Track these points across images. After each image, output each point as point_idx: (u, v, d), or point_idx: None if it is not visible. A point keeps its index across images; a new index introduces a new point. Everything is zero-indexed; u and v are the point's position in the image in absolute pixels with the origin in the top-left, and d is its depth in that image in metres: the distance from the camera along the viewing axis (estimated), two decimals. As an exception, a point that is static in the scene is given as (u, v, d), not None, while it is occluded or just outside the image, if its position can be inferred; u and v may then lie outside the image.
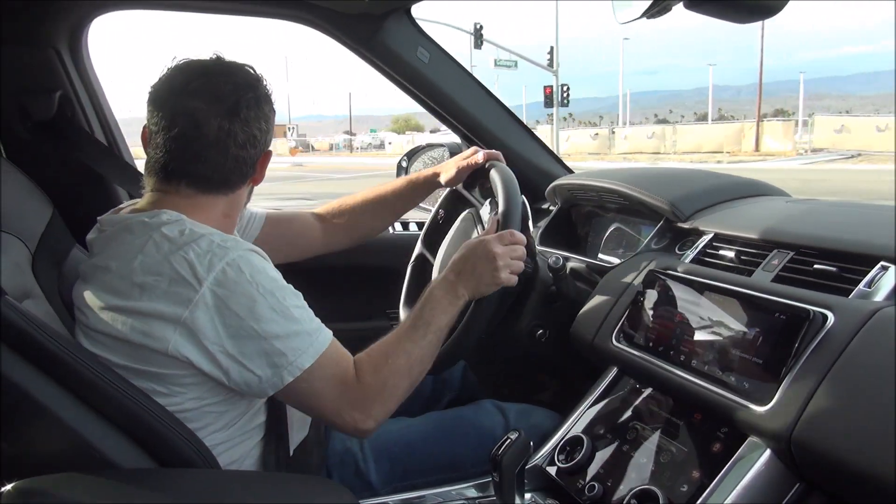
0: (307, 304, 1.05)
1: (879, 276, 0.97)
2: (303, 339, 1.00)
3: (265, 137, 1.09)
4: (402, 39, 1.74)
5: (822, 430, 0.85)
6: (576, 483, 1.10)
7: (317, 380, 1.01)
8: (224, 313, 0.96)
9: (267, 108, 1.09)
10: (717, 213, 1.36)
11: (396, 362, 1.08)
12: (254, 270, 0.99)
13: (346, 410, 1.04)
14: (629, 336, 1.22)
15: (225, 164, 1.06)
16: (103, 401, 0.91)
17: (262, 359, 0.98)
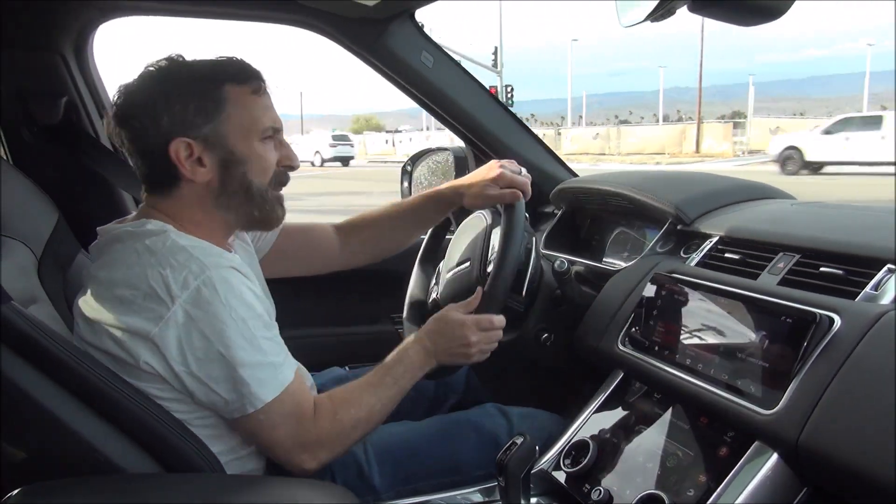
0: (278, 336, 1.07)
1: (886, 280, 0.97)
2: (267, 371, 1.00)
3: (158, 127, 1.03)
4: (406, 43, 1.74)
5: (829, 435, 0.84)
6: (581, 488, 1.09)
7: (276, 414, 1.01)
8: (193, 334, 0.96)
9: (160, 99, 1.03)
10: (722, 216, 1.36)
11: (357, 413, 1.10)
12: (229, 292, 0.99)
13: (295, 450, 1.05)
14: (634, 340, 1.22)
15: (145, 162, 1.06)
16: (108, 405, 0.92)
17: (228, 384, 0.98)
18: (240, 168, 1.08)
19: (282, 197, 1.16)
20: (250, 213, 1.12)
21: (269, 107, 1.11)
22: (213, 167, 1.07)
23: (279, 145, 1.13)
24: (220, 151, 1.06)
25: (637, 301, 1.24)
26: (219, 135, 1.06)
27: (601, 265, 1.56)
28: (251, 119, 1.08)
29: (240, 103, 1.07)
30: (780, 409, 0.90)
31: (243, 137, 1.07)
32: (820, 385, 0.87)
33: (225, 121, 1.06)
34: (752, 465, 0.93)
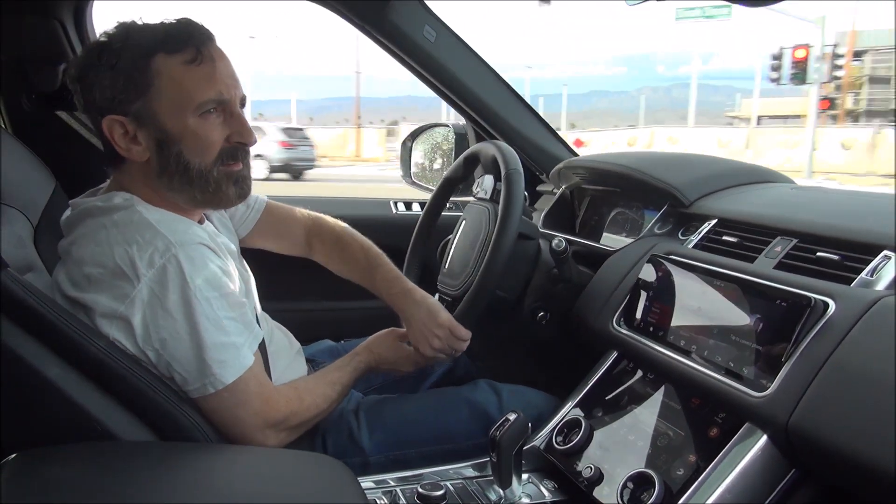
0: (245, 314, 1.05)
1: (882, 265, 0.97)
2: (230, 353, 0.99)
3: (93, 102, 0.99)
4: (409, 18, 1.72)
5: (819, 418, 0.85)
6: (573, 465, 1.10)
7: (241, 393, 1.02)
8: (157, 312, 0.95)
9: (93, 73, 0.98)
10: (721, 199, 1.36)
11: (317, 401, 1.16)
12: (195, 271, 0.97)
13: (260, 428, 1.05)
14: (630, 320, 1.22)
15: (99, 138, 1.04)
16: (104, 373, 0.92)
17: (191, 364, 0.98)
18: (174, 148, 1.00)
19: (235, 173, 1.06)
20: (192, 195, 1.05)
21: (210, 76, 1.00)
22: (148, 146, 1.01)
23: (229, 118, 1.04)
24: (153, 130, 1.00)
25: (633, 282, 1.25)
26: (149, 112, 0.99)
27: (599, 245, 1.56)
28: (184, 93, 0.99)
29: (171, 76, 0.98)
30: (771, 392, 0.91)
31: (175, 113, 0.99)
32: (812, 369, 0.88)
33: (155, 97, 0.98)
34: (742, 447, 0.94)
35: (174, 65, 0.99)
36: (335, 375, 1.23)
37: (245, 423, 1.03)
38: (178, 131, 1.00)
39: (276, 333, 1.32)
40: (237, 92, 1.05)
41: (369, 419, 1.26)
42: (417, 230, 1.64)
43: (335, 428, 1.24)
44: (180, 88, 0.99)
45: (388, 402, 1.33)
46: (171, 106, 0.99)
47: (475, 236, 1.43)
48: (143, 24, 1.02)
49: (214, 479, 0.88)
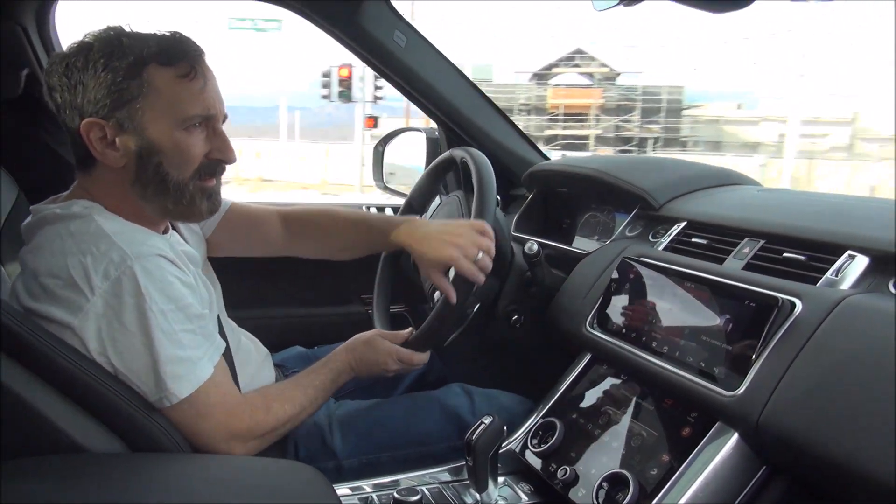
0: (206, 326, 1.05)
1: (846, 265, 0.99)
2: (185, 367, 0.98)
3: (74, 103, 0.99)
4: (379, 22, 1.72)
5: (788, 416, 0.87)
6: (548, 467, 1.11)
7: (201, 405, 1.00)
8: (113, 325, 0.94)
9: (78, 74, 0.98)
10: (690, 202, 1.38)
11: (290, 409, 1.14)
12: (151, 284, 0.96)
13: (224, 440, 1.03)
14: (602, 322, 1.23)
15: (69, 137, 1.02)
16: (71, 384, 0.90)
17: (149, 377, 0.96)
18: (154, 158, 1.00)
19: (209, 189, 1.07)
20: (164, 205, 1.04)
21: (200, 92, 1.01)
22: (126, 153, 1.00)
23: (212, 135, 1.05)
24: (134, 138, 0.99)
25: (605, 284, 1.26)
26: (134, 120, 0.98)
27: (571, 248, 1.57)
28: (173, 106, 1.00)
29: (162, 88, 0.99)
30: (742, 391, 0.92)
31: (161, 125, 1.00)
32: (781, 368, 0.90)
33: (143, 106, 0.98)
34: (714, 445, 0.95)
35: (167, 77, 0.99)
36: (308, 379, 1.21)
37: (208, 434, 1.02)
38: (162, 142, 1.00)
39: (243, 341, 1.30)
40: (221, 109, 1.06)
41: (342, 424, 1.25)
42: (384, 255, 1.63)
43: (307, 433, 1.23)
44: (170, 101, 0.99)
45: (360, 406, 1.32)
46: (158, 117, 0.99)
47: None
48: (135, 31, 1.02)
49: (184, 489, 0.86)
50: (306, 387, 1.19)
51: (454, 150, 1.47)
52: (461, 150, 1.41)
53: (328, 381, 1.22)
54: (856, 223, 1.07)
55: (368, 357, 1.27)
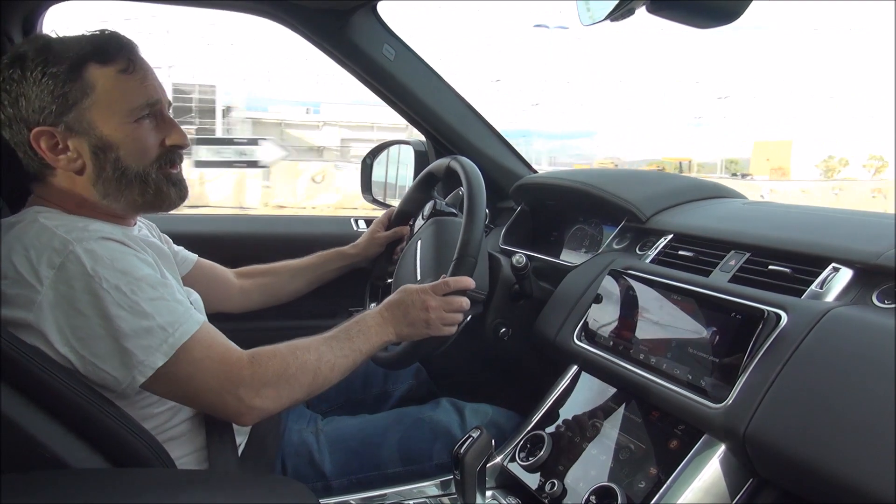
0: (174, 293, 0.99)
1: (831, 277, 1.00)
2: (155, 336, 0.94)
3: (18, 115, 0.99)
4: (368, 36, 1.73)
5: (774, 428, 0.87)
6: (536, 480, 1.11)
7: (185, 364, 0.96)
8: (69, 313, 0.92)
9: (14, 88, 0.98)
10: (677, 214, 1.38)
11: (304, 356, 1.05)
12: (97, 263, 0.93)
13: (228, 391, 0.98)
14: (590, 334, 1.23)
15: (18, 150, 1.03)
16: (51, 397, 0.89)
17: (115, 359, 0.93)
18: (111, 153, 1.02)
19: (174, 176, 1.09)
20: (132, 198, 1.05)
21: (142, 82, 1.04)
22: (82, 155, 1.01)
23: (161, 123, 1.07)
24: (87, 138, 1.01)
25: (593, 297, 1.26)
26: (84, 121, 1.00)
27: (559, 261, 1.58)
28: (119, 101, 1.01)
29: (105, 85, 1.00)
30: (728, 403, 0.93)
31: (112, 121, 1.01)
32: (767, 380, 0.90)
33: (89, 106, 1.00)
34: (701, 458, 0.95)
35: (108, 74, 1.01)
36: (329, 334, 1.12)
37: (207, 392, 0.98)
38: (116, 137, 1.02)
39: None
40: (165, 97, 1.08)
41: (330, 441, 1.24)
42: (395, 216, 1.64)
43: (295, 451, 1.22)
44: (115, 96, 1.01)
45: (348, 423, 1.30)
46: (108, 113, 1.01)
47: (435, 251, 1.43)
48: (63, 36, 1.03)
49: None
50: (331, 340, 1.11)
51: (446, 158, 1.47)
52: (454, 161, 1.42)
53: (359, 340, 1.13)
54: (840, 236, 1.08)
55: (405, 304, 1.18)
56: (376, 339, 1.15)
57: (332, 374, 1.08)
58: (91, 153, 1.02)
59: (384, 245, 1.64)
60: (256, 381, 1.00)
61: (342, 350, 1.10)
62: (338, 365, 1.09)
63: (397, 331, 1.17)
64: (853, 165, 44.09)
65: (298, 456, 1.21)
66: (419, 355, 1.29)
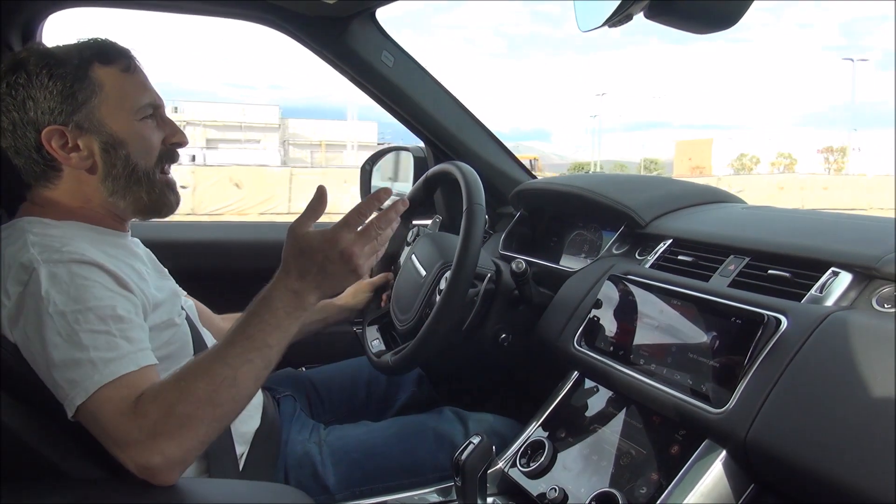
0: (129, 330, 0.92)
1: (830, 281, 1.00)
2: (82, 371, 0.87)
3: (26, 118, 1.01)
4: (367, 43, 1.73)
5: (775, 433, 0.87)
6: (537, 486, 1.10)
7: (99, 412, 0.86)
8: (24, 332, 0.91)
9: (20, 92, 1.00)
10: (676, 219, 1.38)
11: (192, 386, 0.87)
12: (53, 286, 0.91)
13: (124, 447, 0.85)
14: (590, 340, 1.23)
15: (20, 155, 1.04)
16: (49, 406, 0.89)
17: (51, 386, 0.89)
18: (121, 150, 1.05)
19: (173, 182, 1.13)
20: (139, 197, 1.08)
21: (143, 84, 1.09)
22: (93, 152, 1.04)
23: (162, 123, 1.11)
24: (97, 135, 1.04)
25: (593, 302, 1.26)
26: (93, 119, 1.03)
27: (558, 266, 1.58)
28: (125, 98, 1.06)
29: (111, 83, 1.05)
30: (729, 408, 0.92)
31: (120, 118, 1.05)
32: (767, 384, 0.90)
33: (98, 104, 1.03)
34: (702, 463, 0.95)
35: (113, 73, 1.05)
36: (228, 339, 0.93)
37: (111, 447, 0.87)
38: (125, 134, 1.05)
39: None
40: (162, 99, 1.12)
41: (333, 453, 1.23)
42: (378, 267, 1.65)
43: (297, 463, 1.21)
44: (121, 95, 1.05)
45: (351, 433, 1.29)
46: (116, 112, 1.05)
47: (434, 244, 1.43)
48: (62, 45, 1.06)
49: None
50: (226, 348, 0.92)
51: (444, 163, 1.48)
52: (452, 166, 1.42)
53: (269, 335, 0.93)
54: (840, 240, 1.08)
55: (323, 262, 0.95)
56: (289, 324, 0.95)
57: (239, 391, 0.90)
58: (101, 150, 1.04)
59: (371, 291, 1.62)
60: (145, 434, 0.84)
61: (243, 356, 0.90)
62: (242, 377, 0.90)
63: (317, 293, 0.97)
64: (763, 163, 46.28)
65: (301, 468, 1.20)
66: (421, 360, 1.28)
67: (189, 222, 2.26)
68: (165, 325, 1.07)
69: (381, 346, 1.49)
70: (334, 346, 1.42)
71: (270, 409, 1.29)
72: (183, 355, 1.07)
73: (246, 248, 1.94)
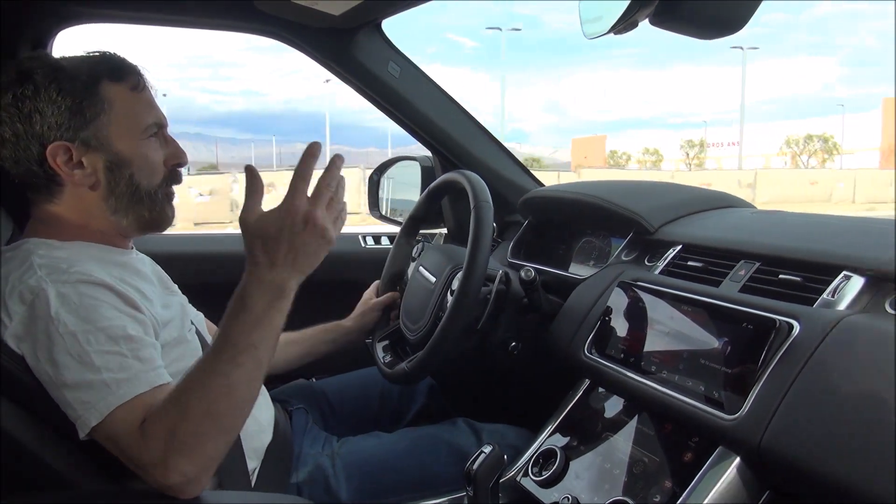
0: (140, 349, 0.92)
1: (842, 285, 0.99)
2: (96, 392, 0.87)
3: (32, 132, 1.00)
4: (373, 54, 1.74)
5: (789, 438, 0.86)
6: (550, 496, 1.10)
7: (115, 433, 0.87)
8: (27, 352, 0.91)
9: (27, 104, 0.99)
10: (684, 225, 1.38)
11: (189, 403, 0.86)
12: (62, 306, 0.90)
13: (142, 468, 0.86)
14: (600, 347, 1.23)
15: (21, 170, 1.02)
16: (58, 417, 0.89)
17: (63, 406, 0.90)
18: (126, 170, 1.04)
19: (172, 195, 1.12)
20: (141, 214, 1.07)
21: (150, 103, 1.08)
22: (96, 170, 1.03)
23: (165, 142, 1.10)
24: (103, 153, 1.03)
25: (603, 309, 1.26)
26: (100, 136, 1.02)
27: (567, 273, 1.57)
28: (133, 117, 1.05)
29: (119, 102, 1.04)
30: (742, 414, 0.92)
31: (126, 137, 1.04)
32: (780, 390, 0.89)
33: (105, 122, 1.02)
34: (716, 470, 0.94)
35: (122, 91, 1.05)
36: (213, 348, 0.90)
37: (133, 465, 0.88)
38: (130, 154, 1.05)
39: None
40: (165, 118, 1.11)
41: (346, 466, 1.22)
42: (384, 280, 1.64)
43: (310, 477, 1.20)
44: (128, 114, 1.05)
45: (364, 445, 1.29)
46: (122, 130, 1.04)
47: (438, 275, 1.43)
48: (70, 57, 1.05)
49: None
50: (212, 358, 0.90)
51: (446, 174, 1.48)
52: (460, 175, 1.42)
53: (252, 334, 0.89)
54: (851, 243, 1.07)
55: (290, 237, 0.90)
56: (273, 317, 0.90)
57: (236, 398, 0.89)
58: (105, 169, 1.04)
59: (379, 311, 1.62)
60: (158, 456, 0.85)
61: (231, 362, 0.88)
62: (235, 383, 0.88)
63: (293, 274, 0.92)
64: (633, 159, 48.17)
65: (314, 483, 1.20)
66: (436, 363, 1.28)
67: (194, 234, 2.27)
68: (175, 343, 1.06)
69: (392, 359, 1.49)
70: (346, 354, 1.42)
71: (282, 422, 1.28)
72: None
73: None
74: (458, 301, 1.23)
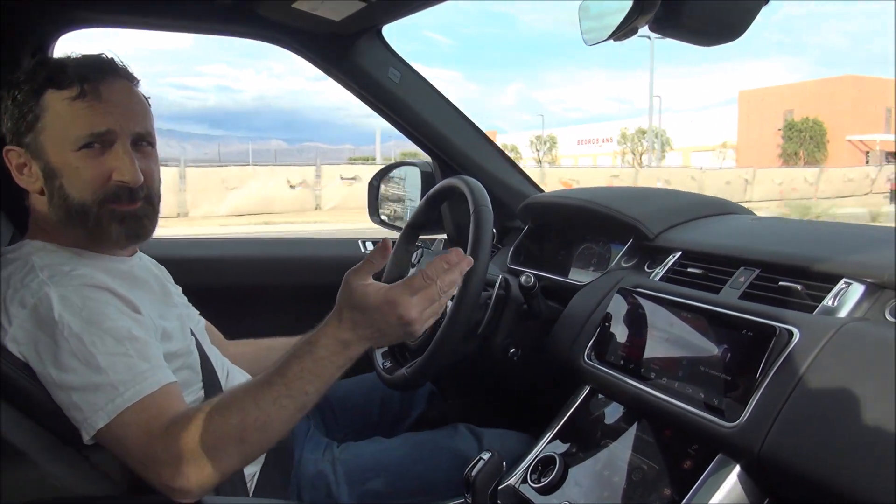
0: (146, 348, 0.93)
1: (842, 292, 0.99)
2: (102, 394, 0.88)
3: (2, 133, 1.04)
4: (373, 59, 1.74)
5: (789, 446, 0.86)
6: (549, 502, 1.09)
7: (123, 434, 0.88)
8: (31, 356, 0.91)
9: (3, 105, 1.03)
10: (685, 231, 1.38)
11: (223, 421, 0.88)
12: (66, 309, 0.91)
13: (148, 466, 0.87)
14: (600, 354, 1.22)
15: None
16: (63, 426, 0.89)
17: (67, 409, 0.90)
18: (56, 181, 1.01)
19: (121, 213, 1.02)
20: (76, 230, 1.02)
21: (89, 111, 1.00)
22: (38, 177, 1.03)
23: (110, 155, 1.01)
24: (40, 162, 1.02)
25: (602, 315, 1.25)
26: (38, 145, 1.01)
27: (567, 280, 1.57)
28: (64, 128, 1.00)
29: (55, 111, 1.00)
30: (742, 422, 0.91)
31: (58, 148, 1.01)
32: (780, 397, 0.89)
33: (41, 130, 1.01)
34: (716, 478, 0.94)
35: (59, 100, 1.01)
36: (266, 378, 0.91)
37: (136, 465, 0.89)
38: (60, 165, 1.01)
39: (236, 377, 1.26)
40: (128, 128, 1.02)
41: (347, 472, 1.21)
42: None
43: (311, 483, 1.20)
44: (61, 123, 1.01)
45: (365, 451, 1.28)
46: (55, 140, 1.01)
47: None
48: (55, 58, 1.06)
49: None
50: (263, 389, 0.90)
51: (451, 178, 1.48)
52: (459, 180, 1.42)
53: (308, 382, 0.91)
54: (851, 250, 1.07)
55: (380, 320, 0.92)
56: (330, 373, 0.92)
57: (268, 434, 0.90)
58: (43, 177, 1.03)
59: None
60: (172, 458, 0.86)
61: (278, 402, 0.89)
62: (273, 421, 0.89)
63: (363, 345, 0.94)
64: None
65: (315, 489, 1.19)
66: (436, 368, 1.27)
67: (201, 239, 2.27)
68: (172, 357, 1.04)
69: (391, 364, 1.48)
70: None
71: None
72: (193, 382, 1.06)
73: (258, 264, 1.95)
74: (457, 306, 1.22)
